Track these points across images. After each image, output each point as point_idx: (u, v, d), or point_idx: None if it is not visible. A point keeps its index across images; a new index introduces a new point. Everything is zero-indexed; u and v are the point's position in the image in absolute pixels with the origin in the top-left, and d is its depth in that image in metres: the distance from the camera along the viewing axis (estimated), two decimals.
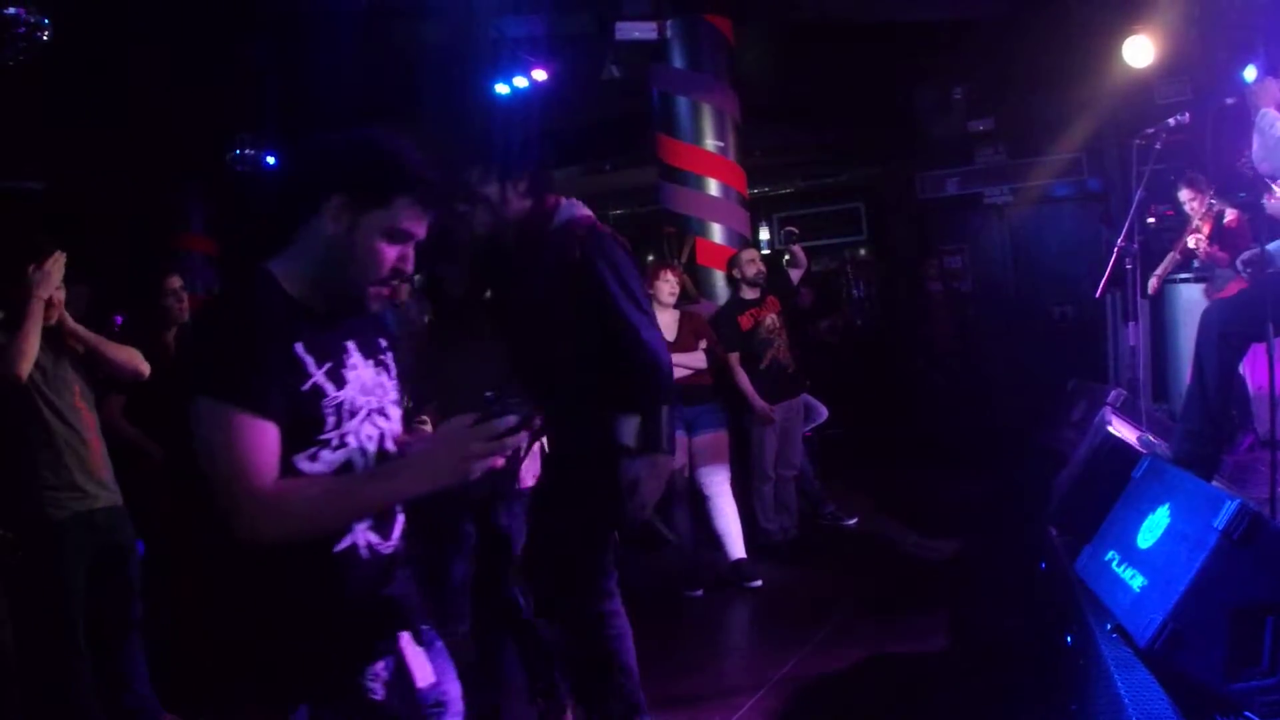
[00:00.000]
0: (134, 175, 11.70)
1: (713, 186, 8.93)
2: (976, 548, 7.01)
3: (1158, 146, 6.13)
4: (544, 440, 4.01)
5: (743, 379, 7.09)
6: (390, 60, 9.57)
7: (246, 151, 11.40)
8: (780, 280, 7.70)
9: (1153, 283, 7.04)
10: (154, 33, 8.42)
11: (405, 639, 2.32)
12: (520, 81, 10.17)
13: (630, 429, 3.40)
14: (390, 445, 2.35)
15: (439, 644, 2.44)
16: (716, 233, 8.88)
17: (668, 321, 6.86)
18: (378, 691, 2.24)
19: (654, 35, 8.97)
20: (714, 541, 6.85)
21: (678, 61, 9.02)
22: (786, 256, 7.94)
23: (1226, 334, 5.06)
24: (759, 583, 6.69)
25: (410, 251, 2.27)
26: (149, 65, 9.03)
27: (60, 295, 4.19)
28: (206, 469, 2.05)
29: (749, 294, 7.33)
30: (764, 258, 7.72)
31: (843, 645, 5.63)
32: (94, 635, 4.20)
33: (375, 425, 2.31)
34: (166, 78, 9.32)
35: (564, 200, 3.60)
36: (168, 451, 5.06)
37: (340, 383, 2.22)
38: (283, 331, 2.13)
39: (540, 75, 10.07)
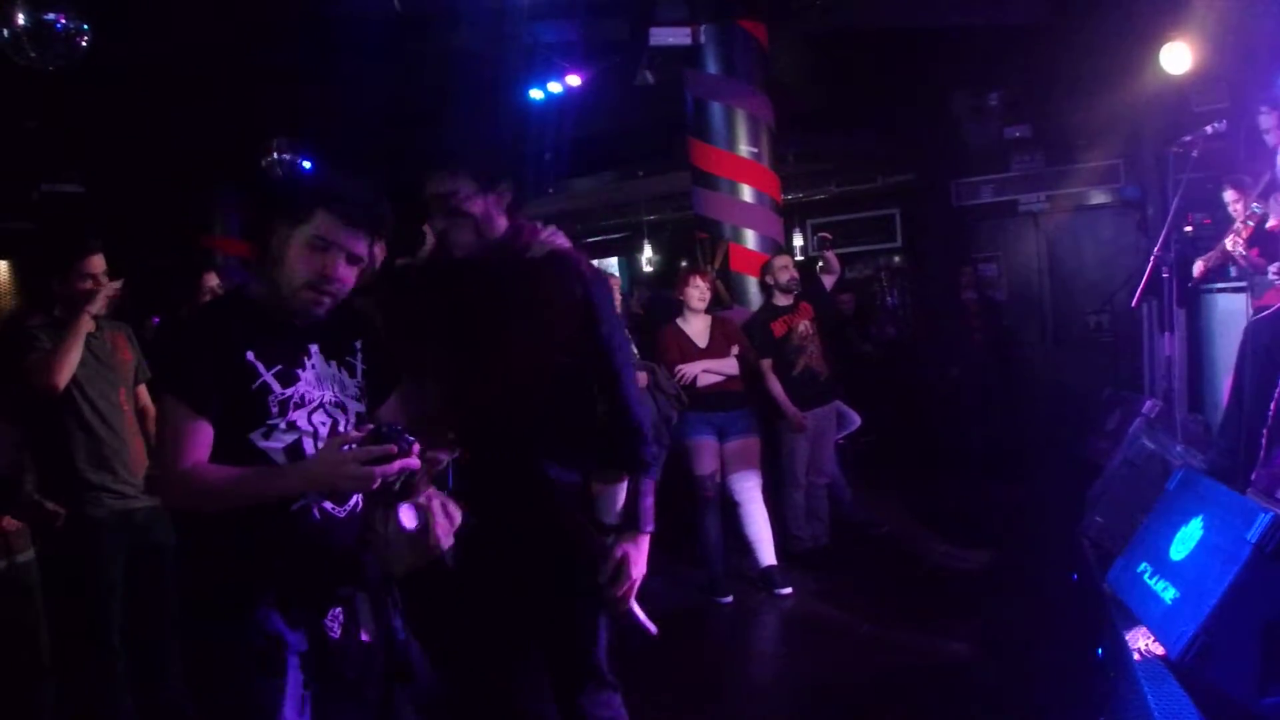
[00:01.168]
0: (170, 179, 11.82)
1: (746, 192, 8.92)
2: (1008, 558, 6.97)
3: (1194, 154, 6.10)
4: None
5: (775, 385, 7.08)
6: (423, 66, 9.63)
7: (281, 156, 11.49)
8: (814, 287, 7.68)
9: (1198, 266, 6.90)
10: (190, 38, 8.49)
11: (360, 597, 2.76)
12: (554, 87, 10.20)
13: (611, 501, 3.20)
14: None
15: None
16: (750, 239, 8.86)
17: (700, 327, 6.87)
18: (335, 631, 2.67)
19: (688, 41, 8.96)
20: (744, 548, 6.84)
21: (712, 67, 9.01)
22: (820, 263, 7.92)
23: (1261, 351, 5.02)
24: (789, 590, 6.67)
25: (342, 262, 2.62)
26: (185, 70, 9.10)
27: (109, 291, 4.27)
28: (155, 442, 2.68)
29: (782, 300, 7.31)
30: (797, 264, 7.69)
31: (873, 654, 5.62)
32: (129, 633, 4.24)
33: (329, 414, 2.72)
34: (202, 82, 9.40)
35: (538, 224, 3.27)
36: None
37: (290, 380, 2.63)
38: (233, 342, 2.55)
39: (574, 81, 10.10)
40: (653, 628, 3.32)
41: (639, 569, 3.10)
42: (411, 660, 2.86)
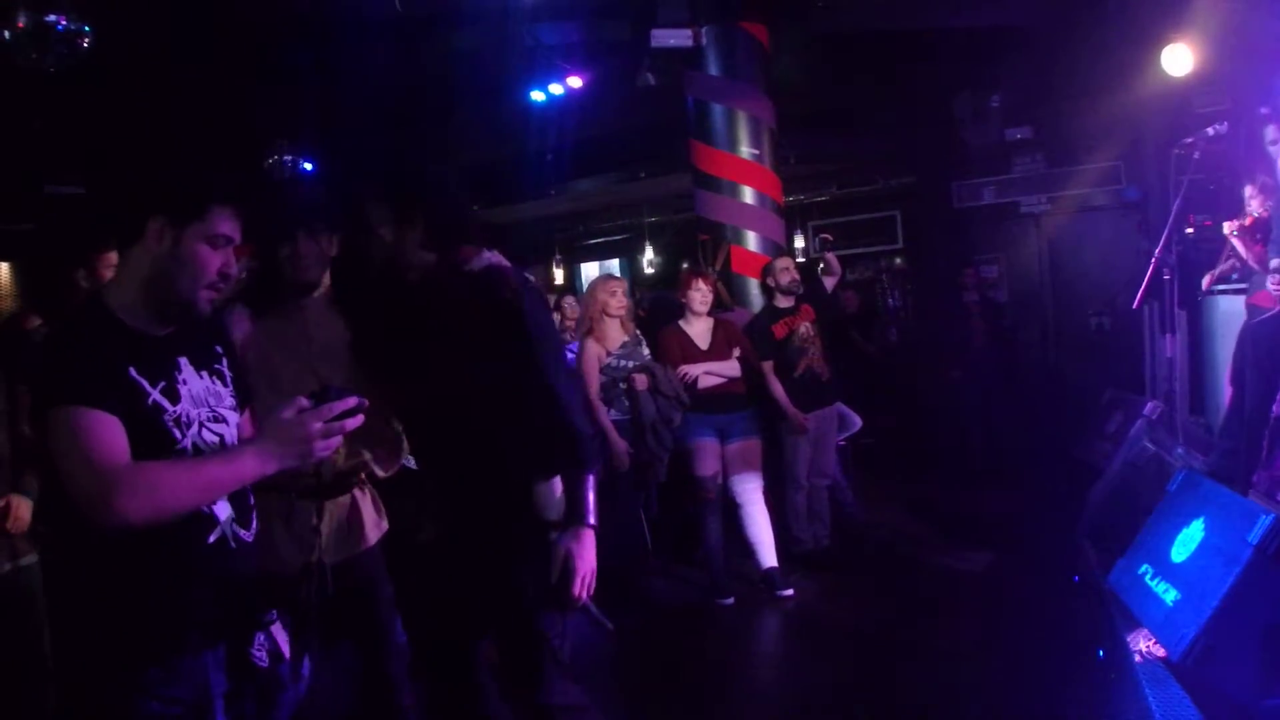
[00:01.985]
0: (171, 180, 11.80)
1: (747, 194, 8.92)
2: (1009, 559, 6.97)
3: (1196, 156, 6.09)
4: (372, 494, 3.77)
5: (777, 388, 7.07)
6: (425, 68, 9.63)
7: (284, 158, 11.49)
8: (815, 288, 7.68)
9: (1207, 279, 6.89)
10: (192, 40, 8.49)
11: (274, 617, 2.69)
12: (556, 88, 10.21)
13: (551, 498, 3.20)
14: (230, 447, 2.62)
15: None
16: (751, 240, 8.86)
17: (702, 329, 6.88)
18: (262, 659, 2.60)
19: (689, 42, 8.96)
20: (746, 549, 6.84)
21: (713, 69, 9.01)
22: (821, 265, 7.92)
23: (1263, 354, 5.02)
24: (790, 591, 6.67)
25: (231, 254, 2.56)
26: (187, 72, 9.10)
27: None
28: (63, 470, 2.28)
29: (783, 302, 7.31)
30: (798, 266, 7.69)
31: (873, 655, 5.62)
32: None
33: (213, 432, 2.58)
34: (204, 85, 9.40)
35: (484, 251, 3.28)
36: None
37: (175, 398, 2.49)
38: (114, 356, 2.39)
39: (576, 82, 10.11)
40: (608, 623, 3.38)
41: (585, 562, 3.11)
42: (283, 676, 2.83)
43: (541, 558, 3.13)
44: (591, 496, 3.16)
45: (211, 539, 2.50)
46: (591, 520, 3.13)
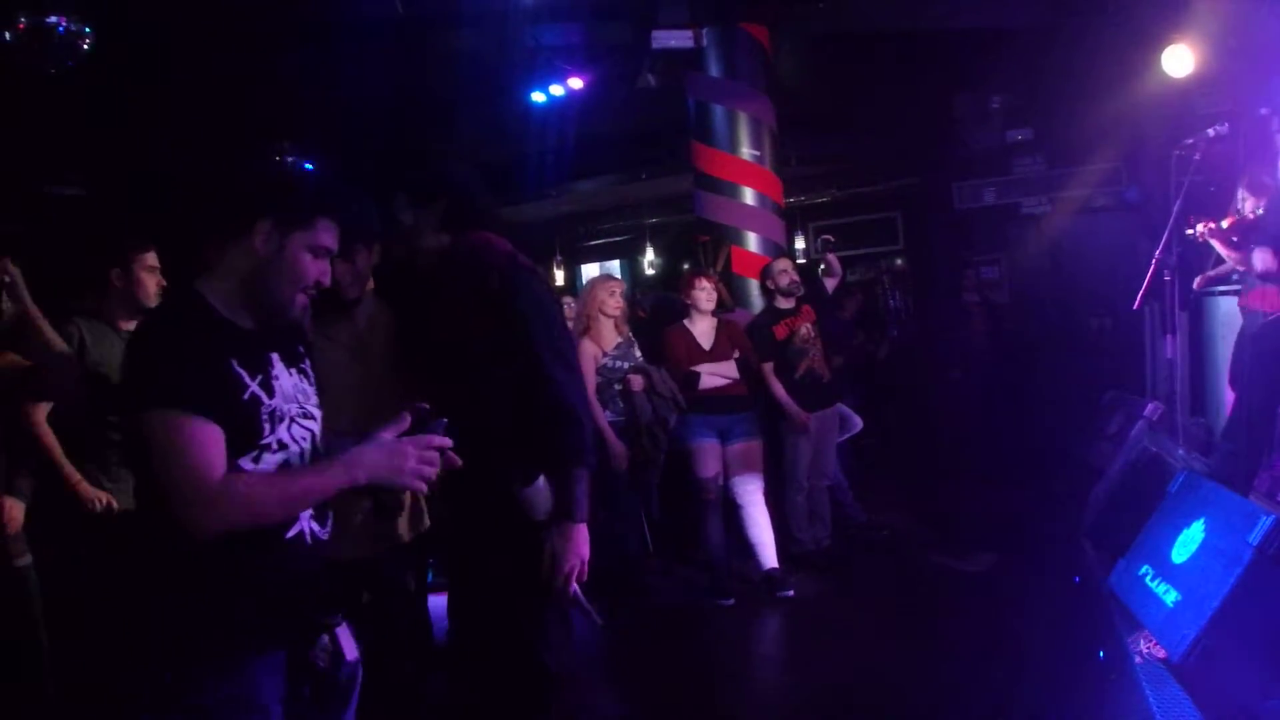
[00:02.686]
0: (173, 183, 11.81)
1: (748, 195, 8.91)
2: (1010, 560, 6.96)
3: (1196, 157, 6.09)
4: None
5: (777, 388, 7.07)
6: (426, 69, 9.63)
7: (286, 160, 11.48)
8: (815, 290, 7.68)
9: (1198, 280, 6.88)
10: (193, 41, 8.49)
11: (340, 619, 2.69)
12: (556, 89, 10.20)
13: (539, 495, 3.17)
14: (319, 445, 2.65)
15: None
16: (752, 242, 8.86)
17: (706, 329, 6.88)
18: (322, 660, 2.62)
19: (690, 44, 8.96)
20: (746, 550, 6.84)
21: (714, 70, 9.01)
22: (822, 266, 7.91)
23: (1266, 356, 5.02)
24: (791, 592, 6.67)
25: (328, 265, 2.60)
26: (188, 74, 9.10)
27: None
28: (160, 473, 2.29)
29: (784, 304, 7.31)
30: (798, 267, 7.69)
31: (874, 656, 5.62)
32: None
33: (303, 427, 2.60)
34: (205, 86, 9.39)
35: (491, 237, 3.29)
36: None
37: (271, 392, 2.50)
38: (217, 350, 2.41)
39: (576, 83, 10.10)
40: (598, 617, 3.35)
41: (574, 558, 3.11)
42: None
43: (527, 553, 3.13)
44: (581, 490, 3.13)
45: (289, 534, 2.52)
46: (580, 516, 3.12)
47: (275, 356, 2.57)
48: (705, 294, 6.87)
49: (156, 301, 4.32)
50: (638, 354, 6.78)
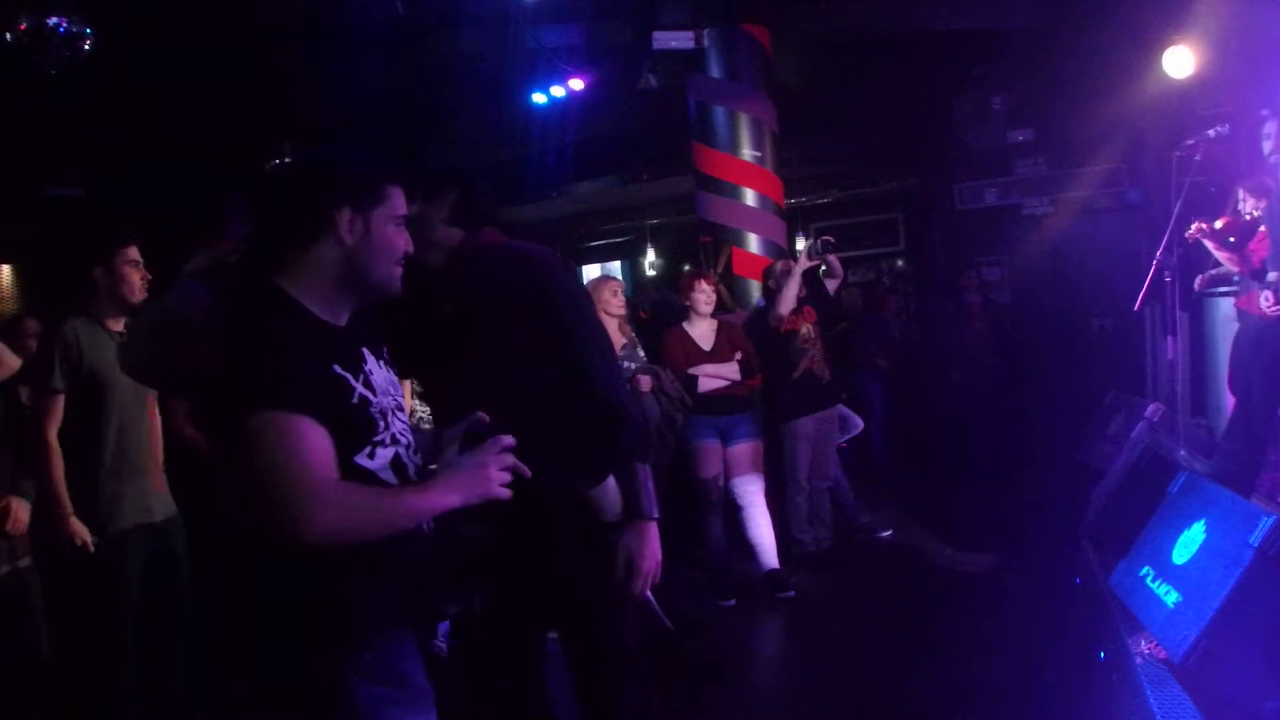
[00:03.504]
0: (173, 183, 11.82)
1: (749, 196, 8.92)
2: (1011, 561, 6.96)
3: (1197, 158, 6.09)
4: None
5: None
6: (427, 69, 9.64)
7: (286, 160, 11.48)
8: (816, 290, 7.67)
9: (1199, 280, 6.88)
10: (193, 42, 8.50)
11: (455, 609, 2.66)
12: (557, 90, 10.21)
13: (609, 496, 3.06)
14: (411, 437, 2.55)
15: None
16: (753, 243, 8.87)
17: (705, 330, 6.88)
18: (443, 650, 2.68)
19: (691, 45, 8.97)
20: (748, 551, 6.84)
21: (715, 71, 9.02)
22: (823, 267, 7.91)
23: (1267, 357, 5.02)
24: (792, 593, 6.66)
25: (407, 233, 2.49)
26: (188, 74, 9.11)
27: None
28: (267, 477, 2.13)
29: None
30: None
31: (875, 657, 5.61)
32: (138, 637, 4.25)
33: (400, 420, 2.49)
34: (205, 86, 9.41)
35: (497, 233, 3.17)
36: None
37: (372, 390, 2.38)
38: (318, 353, 2.29)
39: (577, 85, 10.11)
40: (668, 622, 3.25)
41: (648, 559, 3.01)
42: None
43: (595, 556, 3.03)
44: (648, 486, 3.05)
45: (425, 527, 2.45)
46: (652, 513, 3.03)
47: (366, 351, 2.47)
48: (705, 296, 6.87)
49: (142, 296, 4.30)
50: (641, 354, 6.78)
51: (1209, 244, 6.17)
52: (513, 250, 3.11)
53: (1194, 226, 6.19)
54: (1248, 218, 6.41)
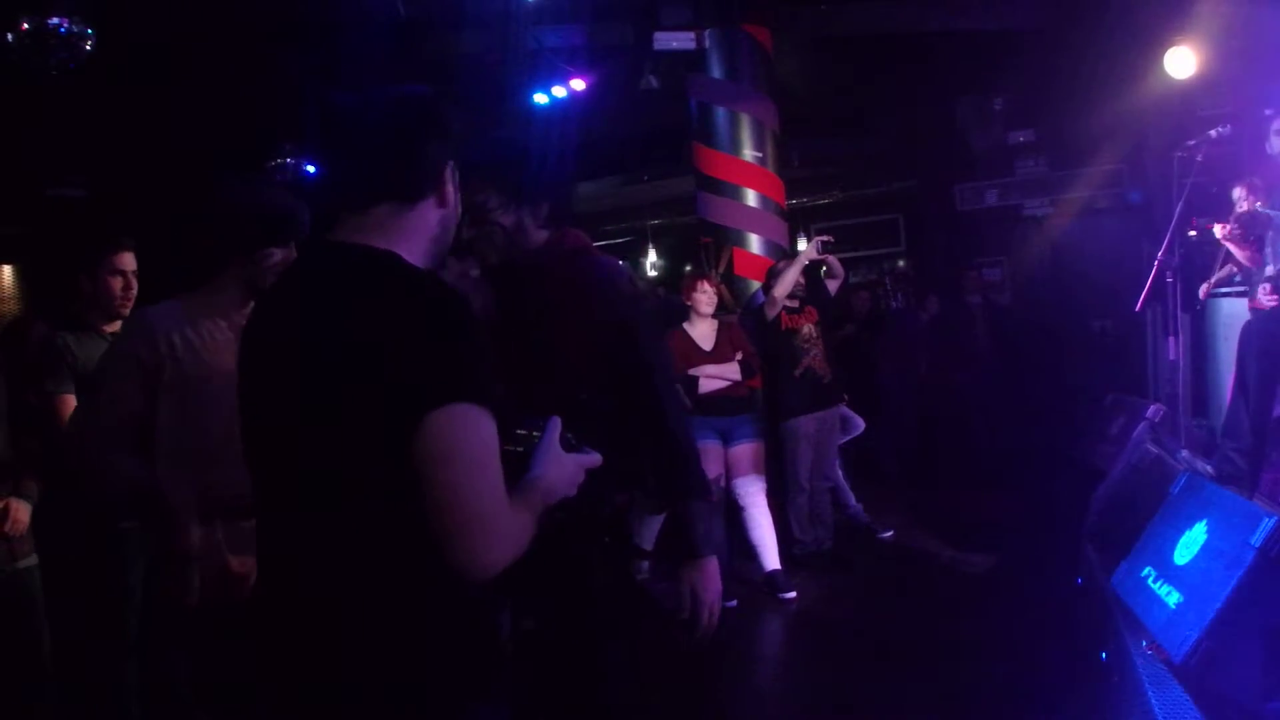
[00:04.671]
0: (175, 184, 11.83)
1: (750, 197, 8.92)
2: (1012, 562, 6.96)
3: (1199, 158, 6.10)
4: None
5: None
6: (428, 70, 9.64)
7: (287, 161, 11.50)
8: (818, 291, 7.67)
9: (1204, 288, 6.89)
10: (195, 42, 8.50)
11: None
12: (559, 91, 10.22)
13: (648, 529, 3.04)
14: None
15: None
16: (754, 243, 8.87)
17: (706, 331, 6.87)
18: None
19: (692, 45, 8.98)
20: (749, 552, 6.84)
21: (716, 72, 9.02)
22: (824, 267, 7.90)
23: (1266, 350, 5.02)
24: (793, 594, 6.66)
25: None
26: (190, 75, 9.11)
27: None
28: (446, 484, 1.78)
29: (787, 304, 7.31)
30: (802, 268, 7.68)
31: (876, 659, 5.61)
32: (139, 640, 4.25)
33: None
34: (207, 87, 9.41)
35: (582, 236, 3.09)
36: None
37: None
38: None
39: (579, 85, 10.12)
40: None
41: (709, 594, 2.99)
42: None
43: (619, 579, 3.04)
44: (701, 527, 3.03)
45: None
46: (709, 552, 3.01)
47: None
48: (705, 297, 6.87)
49: (124, 303, 4.27)
50: None
51: (1232, 246, 6.18)
52: (601, 265, 3.05)
53: (1219, 230, 6.19)
54: (1246, 208, 6.43)
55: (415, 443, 1.76)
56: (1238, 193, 6.64)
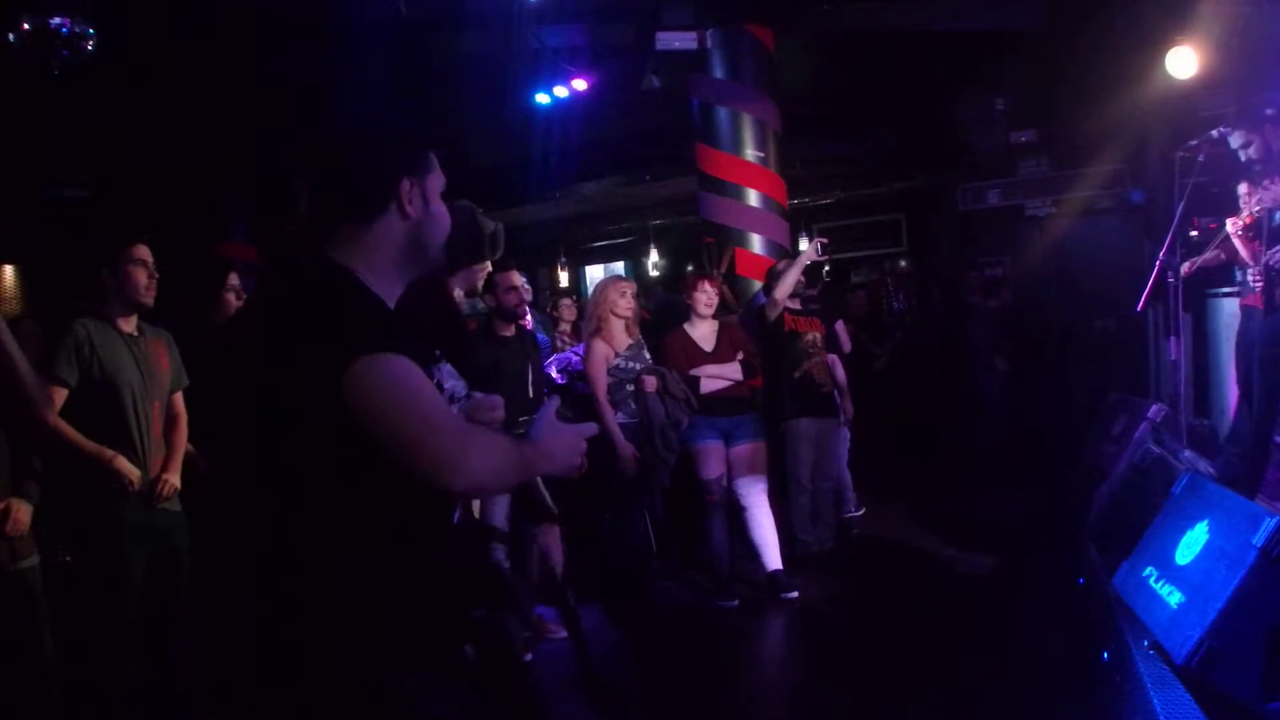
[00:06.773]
0: (177, 183, 11.83)
1: (752, 197, 8.92)
2: (1014, 562, 6.96)
3: (1200, 158, 6.10)
4: None
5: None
6: (429, 71, 9.64)
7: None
8: (827, 307, 7.68)
9: (1185, 266, 6.85)
10: (196, 44, 8.50)
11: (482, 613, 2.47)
12: (561, 91, 10.22)
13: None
14: None
15: None
16: (756, 243, 8.86)
17: (706, 332, 6.88)
18: (472, 656, 2.42)
19: (694, 45, 8.98)
20: (750, 552, 6.84)
21: (718, 71, 9.02)
22: (825, 268, 7.91)
23: (1267, 354, 5.02)
24: (795, 594, 6.65)
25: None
26: (191, 77, 9.12)
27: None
28: (399, 427, 1.92)
29: (790, 305, 7.32)
30: (804, 268, 7.68)
31: (878, 659, 5.61)
32: (140, 637, 4.26)
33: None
34: (208, 88, 9.41)
35: None
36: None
37: (440, 385, 2.24)
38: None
39: (581, 85, 10.11)
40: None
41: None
42: None
43: None
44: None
45: (457, 518, 2.34)
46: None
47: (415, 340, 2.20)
48: (706, 297, 6.87)
49: (149, 294, 4.32)
50: (647, 355, 6.77)
51: (1239, 242, 6.18)
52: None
53: (1230, 224, 6.20)
54: (1242, 205, 6.43)
55: (349, 407, 1.89)
56: (1242, 188, 6.65)
